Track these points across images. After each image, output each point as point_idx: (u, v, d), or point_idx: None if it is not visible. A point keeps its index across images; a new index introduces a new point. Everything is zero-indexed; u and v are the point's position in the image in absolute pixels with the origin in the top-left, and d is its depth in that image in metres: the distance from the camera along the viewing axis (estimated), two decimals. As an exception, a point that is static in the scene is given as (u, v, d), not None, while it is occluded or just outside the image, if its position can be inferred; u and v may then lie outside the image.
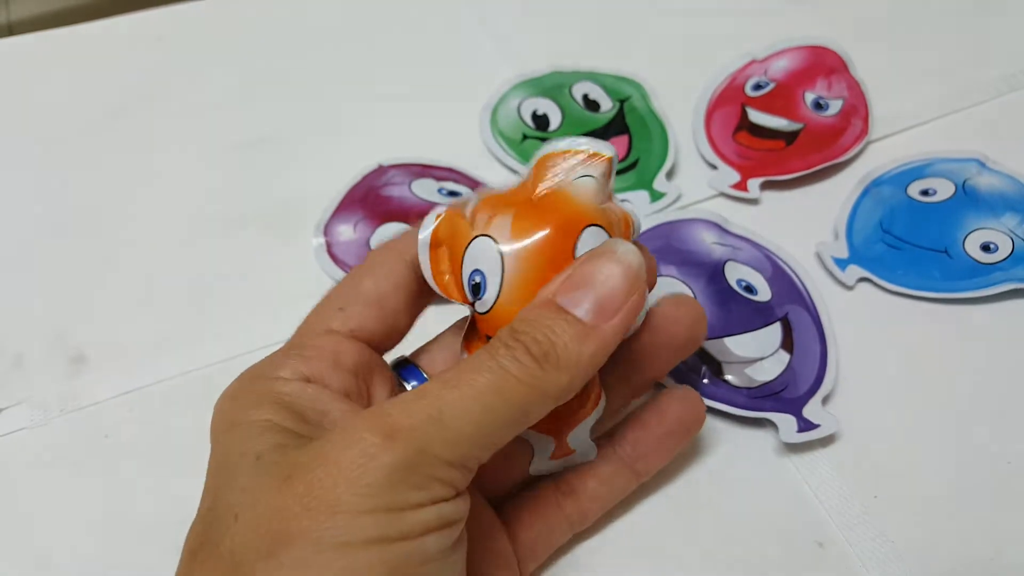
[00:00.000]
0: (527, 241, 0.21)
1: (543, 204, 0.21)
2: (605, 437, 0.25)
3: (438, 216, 0.22)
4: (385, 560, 0.17)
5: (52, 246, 0.34)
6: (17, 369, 0.30)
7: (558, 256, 0.21)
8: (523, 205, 0.21)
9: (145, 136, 0.38)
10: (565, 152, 0.22)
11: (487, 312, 0.21)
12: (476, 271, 0.21)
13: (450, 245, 0.22)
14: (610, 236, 0.21)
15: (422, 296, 0.23)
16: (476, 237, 0.21)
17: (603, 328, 0.19)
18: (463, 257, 0.21)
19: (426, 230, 0.22)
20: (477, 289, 0.21)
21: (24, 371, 0.30)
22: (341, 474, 0.17)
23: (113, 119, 0.39)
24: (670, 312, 0.24)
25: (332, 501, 0.17)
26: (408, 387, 0.24)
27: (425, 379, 0.24)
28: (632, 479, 0.25)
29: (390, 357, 0.24)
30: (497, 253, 0.21)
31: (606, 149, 0.22)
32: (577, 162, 0.22)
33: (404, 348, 0.25)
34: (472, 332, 0.23)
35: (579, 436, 0.24)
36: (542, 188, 0.22)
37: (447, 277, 0.22)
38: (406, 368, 0.24)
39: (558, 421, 0.23)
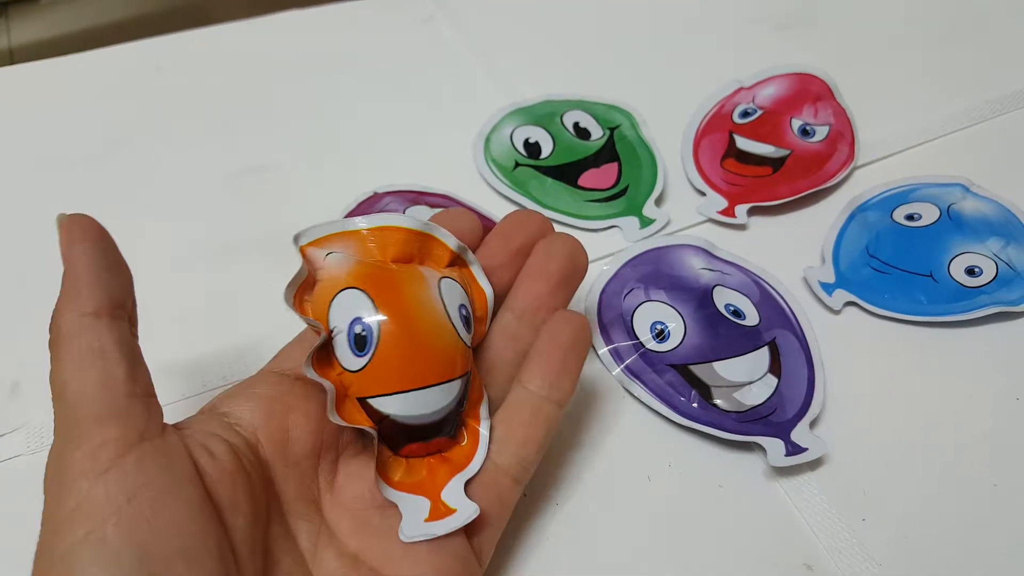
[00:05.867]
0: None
1: None
2: (515, 381, 0.25)
3: None
4: None
5: (47, 272, 0.35)
6: (14, 396, 0.31)
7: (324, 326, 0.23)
8: None
9: (142, 165, 0.39)
10: (306, 249, 0.23)
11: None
12: None
13: None
14: (366, 291, 0.22)
15: None
16: None
17: None
18: None
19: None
20: None
21: (21, 398, 0.31)
22: None
23: (111, 147, 0.40)
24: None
25: None
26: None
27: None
28: (554, 409, 0.25)
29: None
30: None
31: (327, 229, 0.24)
32: (319, 253, 0.23)
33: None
34: None
35: (455, 492, 0.23)
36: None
37: None
38: None
39: (432, 476, 0.23)
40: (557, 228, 0.36)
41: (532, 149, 0.38)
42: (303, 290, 0.23)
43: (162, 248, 0.36)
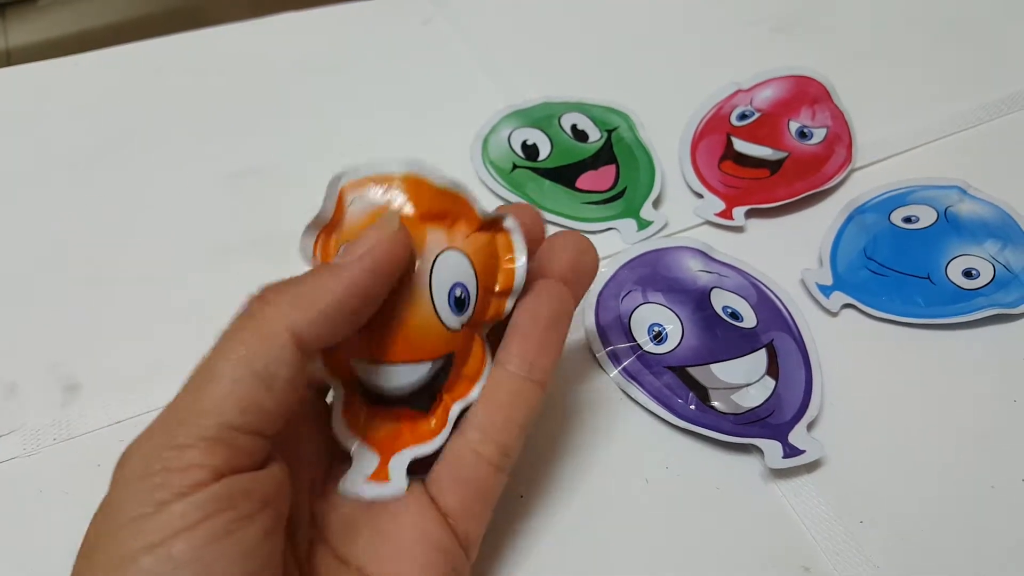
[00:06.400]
0: None
1: None
2: (493, 360, 0.24)
3: None
4: None
5: (46, 275, 0.35)
6: (10, 398, 0.31)
7: None
8: None
9: (142, 165, 0.39)
10: (345, 190, 0.23)
11: None
12: None
13: None
14: None
15: None
16: None
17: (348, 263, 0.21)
18: None
19: None
20: None
21: (17, 400, 0.31)
22: None
23: (111, 148, 0.40)
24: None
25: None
26: None
27: None
28: (535, 389, 0.24)
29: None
30: None
31: (356, 173, 0.23)
32: (348, 197, 0.23)
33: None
34: None
35: (401, 464, 0.23)
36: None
37: None
38: None
39: (392, 438, 0.23)
40: (554, 230, 0.36)
41: (530, 151, 0.38)
42: (328, 231, 0.23)
43: (162, 248, 0.36)
